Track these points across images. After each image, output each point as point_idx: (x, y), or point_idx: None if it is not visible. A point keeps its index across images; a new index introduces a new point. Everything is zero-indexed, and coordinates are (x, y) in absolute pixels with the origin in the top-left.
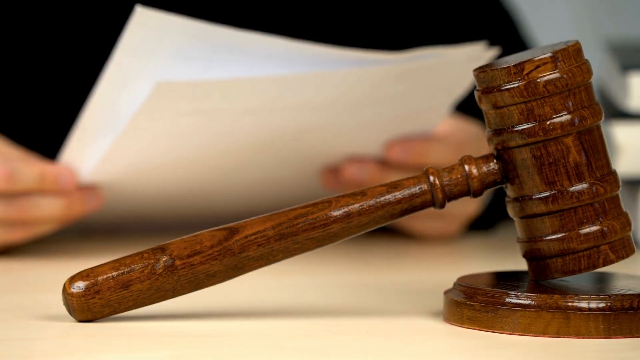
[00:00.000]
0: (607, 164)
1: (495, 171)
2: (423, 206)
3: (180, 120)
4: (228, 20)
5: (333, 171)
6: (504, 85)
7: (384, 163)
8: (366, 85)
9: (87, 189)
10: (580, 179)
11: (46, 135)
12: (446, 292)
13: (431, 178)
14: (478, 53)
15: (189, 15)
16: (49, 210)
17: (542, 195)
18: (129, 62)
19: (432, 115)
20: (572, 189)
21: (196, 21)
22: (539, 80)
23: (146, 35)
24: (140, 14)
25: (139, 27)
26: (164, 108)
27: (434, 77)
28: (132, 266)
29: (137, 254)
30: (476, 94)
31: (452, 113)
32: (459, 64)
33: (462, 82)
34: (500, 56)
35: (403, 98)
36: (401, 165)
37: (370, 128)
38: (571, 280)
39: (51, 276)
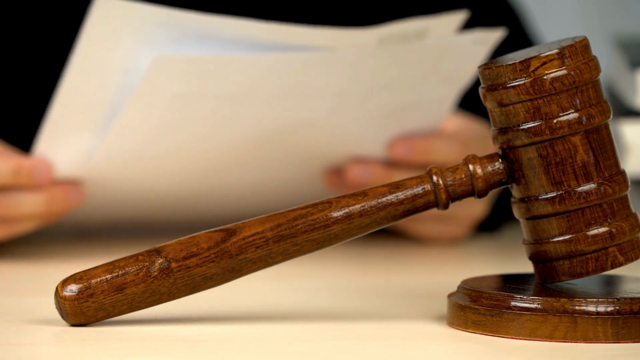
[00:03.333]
0: (616, 163)
1: (500, 171)
2: (426, 207)
3: (177, 106)
4: (205, 7)
5: (336, 172)
6: (510, 83)
7: (388, 164)
8: (367, 69)
9: (68, 185)
10: (587, 179)
11: (19, 128)
12: (450, 296)
13: (434, 178)
14: (483, 36)
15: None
16: (30, 207)
17: (549, 195)
18: (93, 51)
19: (438, 107)
20: (579, 189)
21: (159, 7)
22: (545, 77)
23: (109, 24)
24: (101, 2)
25: (101, 15)
26: (161, 88)
27: (437, 62)
28: (127, 269)
29: (131, 256)
30: (481, 91)
31: (458, 112)
32: (463, 48)
33: (467, 68)
34: (506, 52)
35: (407, 86)
36: (405, 164)
37: (373, 123)
38: (579, 283)
39: (43, 279)
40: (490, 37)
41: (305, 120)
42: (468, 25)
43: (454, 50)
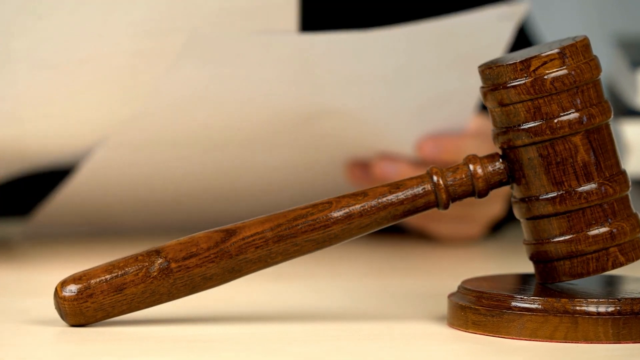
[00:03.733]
0: (617, 163)
1: (500, 171)
2: (426, 207)
3: (209, 85)
4: None
5: (361, 166)
6: (510, 82)
7: (416, 163)
8: (394, 53)
9: None
10: (588, 179)
11: None
12: (450, 296)
13: (435, 178)
14: (507, 10)
15: None
16: None
17: (550, 195)
18: None
19: (465, 102)
20: (580, 189)
21: None
22: (546, 77)
23: None
24: None
25: None
26: (194, 68)
27: (461, 43)
28: (126, 269)
29: (131, 257)
30: (481, 91)
31: (482, 111)
32: (487, 25)
33: (494, 49)
34: (506, 52)
35: (434, 73)
36: (434, 163)
37: (404, 118)
38: (579, 284)
39: (42, 279)
40: (515, 12)
41: (336, 108)
42: None
43: (477, 28)
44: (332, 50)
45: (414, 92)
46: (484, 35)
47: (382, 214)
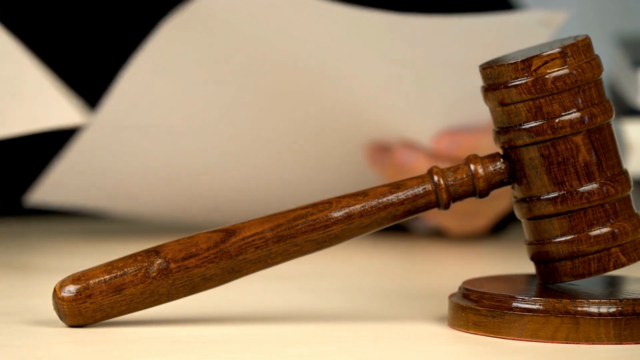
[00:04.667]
0: (618, 163)
1: (501, 171)
2: (427, 207)
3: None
4: None
5: (382, 150)
6: (511, 82)
7: (433, 155)
8: (425, 41)
9: None
10: (590, 179)
11: None
12: (451, 296)
13: (435, 178)
14: (547, 16)
15: None
16: None
17: (551, 195)
18: None
19: None
20: (581, 189)
21: None
22: (547, 76)
23: None
24: None
25: None
26: (193, 32)
27: (497, 43)
28: (125, 269)
29: (130, 257)
30: (482, 90)
31: None
32: (526, 29)
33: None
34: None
35: (466, 67)
36: (449, 159)
37: (424, 103)
38: (581, 284)
39: (41, 279)
40: (554, 19)
41: (360, 85)
42: None
43: (515, 30)
44: (363, 27)
45: (441, 83)
46: (519, 38)
47: (382, 214)
